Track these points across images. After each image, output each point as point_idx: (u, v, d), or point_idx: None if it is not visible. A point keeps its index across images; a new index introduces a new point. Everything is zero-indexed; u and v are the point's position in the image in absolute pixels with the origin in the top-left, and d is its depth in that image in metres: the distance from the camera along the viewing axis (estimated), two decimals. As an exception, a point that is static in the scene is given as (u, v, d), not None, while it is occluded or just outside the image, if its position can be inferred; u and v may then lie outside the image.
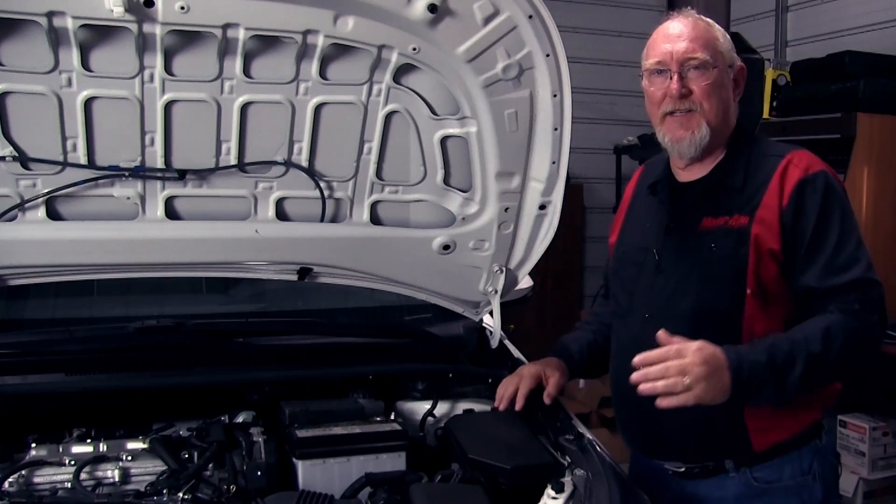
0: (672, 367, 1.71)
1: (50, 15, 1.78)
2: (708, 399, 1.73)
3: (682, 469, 2.08)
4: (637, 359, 1.74)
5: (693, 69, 1.99)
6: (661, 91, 2.02)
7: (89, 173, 2.03)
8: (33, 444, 1.89)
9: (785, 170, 1.95)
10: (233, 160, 2.11)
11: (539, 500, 1.83)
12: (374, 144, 2.18)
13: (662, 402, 1.72)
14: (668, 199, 2.12)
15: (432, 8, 1.91)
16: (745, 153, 2.06)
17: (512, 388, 2.12)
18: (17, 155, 1.97)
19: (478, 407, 2.27)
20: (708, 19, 2.07)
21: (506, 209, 2.28)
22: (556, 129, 2.16)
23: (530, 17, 1.99)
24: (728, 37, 2.06)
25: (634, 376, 1.74)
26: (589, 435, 2.10)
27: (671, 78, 1.99)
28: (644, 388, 1.73)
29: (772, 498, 2.01)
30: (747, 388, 1.78)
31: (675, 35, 2.01)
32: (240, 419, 2.07)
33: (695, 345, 1.74)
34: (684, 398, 1.71)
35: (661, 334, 1.76)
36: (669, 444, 2.07)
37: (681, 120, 2.00)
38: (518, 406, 2.09)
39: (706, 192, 2.05)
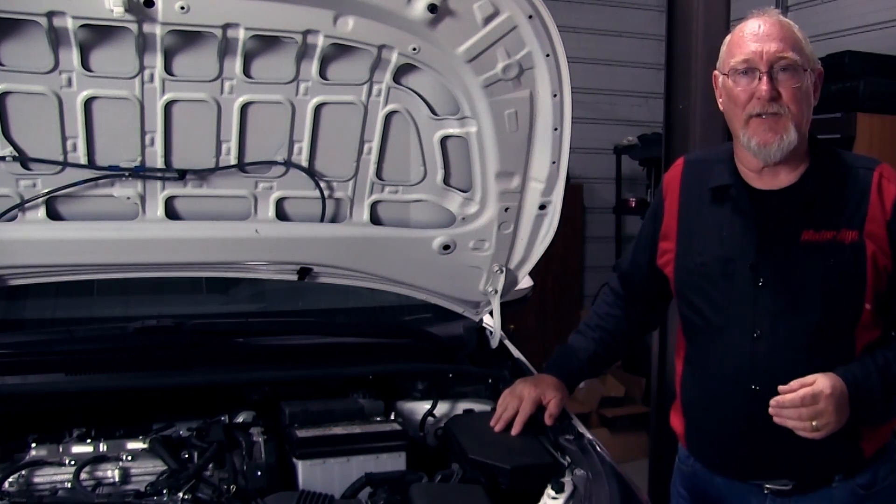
0: (805, 413, 1.81)
1: (50, 15, 1.78)
2: (831, 433, 1.84)
3: (789, 487, 2.06)
4: (773, 406, 1.84)
5: (782, 71, 1.91)
6: (747, 92, 1.93)
7: (89, 173, 2.03)
8: (33, 444, 1.89)
9: (880, 183, 1.95)
10: (233, 160, 2.11)
11: (539, 500, 1.83)
12: (374, 144, 2.18)
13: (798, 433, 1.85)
14: (751, 209, 2.01)
15: (432, 8, 1.91)
16: (831, 163, 2.01)
17: (511, 412, 2.09)
18: (17, 155, 1.97)
19: (478, 407, 2.27)
20: (789, 20, 2.00)
21: (506, 209, 2.27)
22: (556, 129, 2.15)
23: (530, 17, 1.99)
24: (808, 39, 1.99)
25: (771, 412, 1.84)
26: (589, 435, 2.09)
27: (760, 79, 1.90)
28: (778, 420, 1.85)
29: (874, 502, 2.05)
30: (860, 413, 1.88)
31: (763, 34, 1.92)
32: (240, 419, 2.07)
33: (827, 389, 1.81)
34: (812, 436, 1.84)
35: (782, 389, 1.83)
36: (779, 462, 2.04)
37: (769, 123, 1.91)
38: (514, 432, 2.06)
39: (803, 202, 1.97)
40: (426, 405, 2.23)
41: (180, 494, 1.79)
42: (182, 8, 1.82)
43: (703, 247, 2.07)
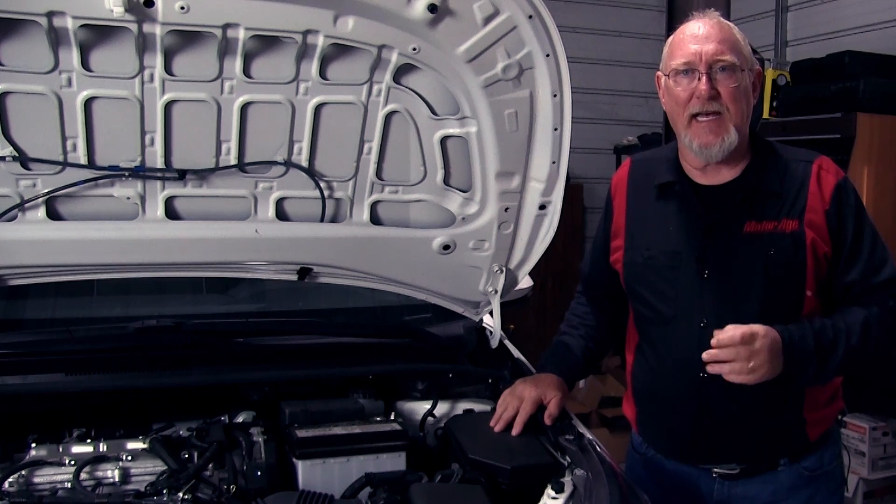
0: (742, 352, 1.84)
1: (50, 15, 1.78)
2: (762, 379, 1.88)
3: (737, 471, 2.12)
4: (710, 351, 1.87)
5: (720, 71, 1.98)
6: (687, 92, 2.00)
7: (89, 173, 2.03)
8: (33, 444, 1.89)
9: (819, 175, 2.03)
10: (233, 160, 2.11)
11: (539, 500, 1.83)
12: (374, 144, 2.18)
13: (728, 378, 1.88)
14: (696, 204, 2.09)
15: (432, 8, 1.91)
16: (771, 157, 2.08)
17: (511, 412, 2.09)
18: (17, 155, 1.97)
19: (478, 407, 2.27)
20: (729, 22, 2.06)
21: (506, 209, 2.27)
22: (556, 129, 2.15)
23: (530, 17, 1.99)
24: (747, 40, 2.06)
25: (705, 355, 1.88)
26: (589, 435, 2.10)
27: (699, 79, 1.97)
28: (712, 368, 1.88)
29: (818, 484, 2.14)
30: (792, 370, 1.93)
31: (702, 36, 2.00)
32: (240, 419, 2.07)
33: (761, 332, 1.86)
34: (744, 379, 1.87)
35: (718, 332, 1.87)
36: (727, 447, 2.11)
37: (709, 125, 1.99)
38: (515, 432, 2.06)
39: (745, 196, 2.04)
40: (426, 405, 2.23)
41: (180, 494, 1.79)
42: (182, 8, 1.82)
43: (651, 241, 2.15)
